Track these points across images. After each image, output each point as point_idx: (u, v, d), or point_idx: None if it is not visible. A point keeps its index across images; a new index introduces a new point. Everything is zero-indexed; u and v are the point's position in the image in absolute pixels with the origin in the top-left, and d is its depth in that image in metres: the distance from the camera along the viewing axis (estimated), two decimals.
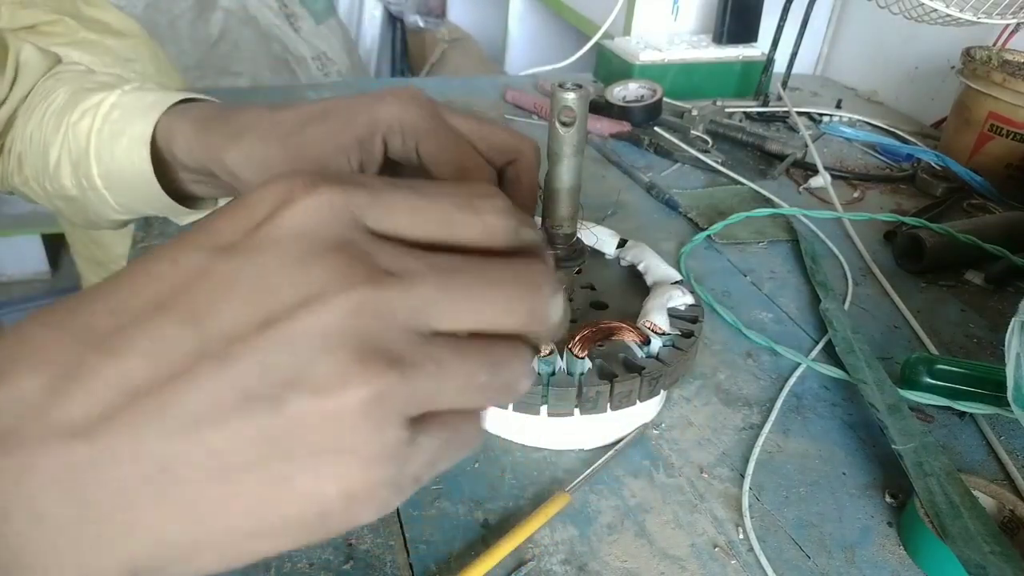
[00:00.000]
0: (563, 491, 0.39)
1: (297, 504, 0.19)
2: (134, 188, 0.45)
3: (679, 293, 0.46)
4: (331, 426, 0.18)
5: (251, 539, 0.19)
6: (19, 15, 0.98)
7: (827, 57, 1.21)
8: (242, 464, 0.18)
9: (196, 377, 0.18)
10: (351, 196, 0.20)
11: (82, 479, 0.17)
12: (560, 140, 0.35)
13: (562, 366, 0.40)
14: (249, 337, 0.18)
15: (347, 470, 0.19)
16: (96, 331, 0.18)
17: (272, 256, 0.19)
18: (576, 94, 0.34)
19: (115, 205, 0.47)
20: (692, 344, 0.43)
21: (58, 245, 1.86)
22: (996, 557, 0.35)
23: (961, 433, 0.47)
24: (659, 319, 0.43)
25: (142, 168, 0.43)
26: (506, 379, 0.21)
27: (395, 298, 0.19)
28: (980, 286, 0.64)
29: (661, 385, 0.41)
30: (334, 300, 0.18)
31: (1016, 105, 0.78)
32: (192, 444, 0.18)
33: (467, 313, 0.20)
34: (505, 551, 0.35)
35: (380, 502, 0.20)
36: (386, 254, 0.20)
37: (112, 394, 0.18)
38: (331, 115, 0.36)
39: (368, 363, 0.18)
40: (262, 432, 0.18)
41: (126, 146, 0.43)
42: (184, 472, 0.18)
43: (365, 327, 0.18)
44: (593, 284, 0.49)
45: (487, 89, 1.02)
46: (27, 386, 0.18)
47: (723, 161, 0.83)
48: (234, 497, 0.18)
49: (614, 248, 0.52)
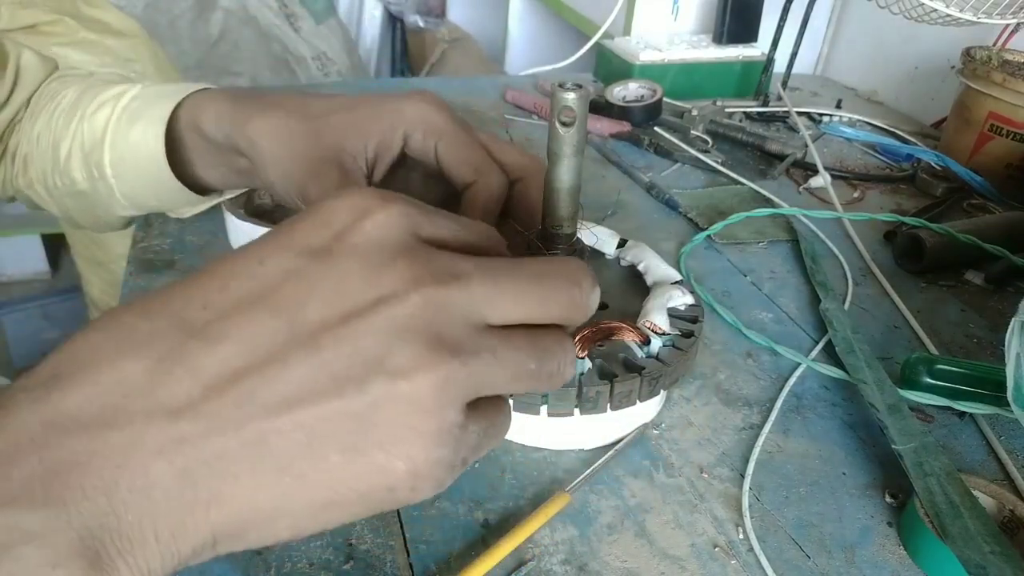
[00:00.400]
0: (563, 491, 0.39)
1: (370, 478, 0.21)
2: (142, 173, 0.45)
3: (679, 293, 0.46)
4: (404, 407, 0.21)
5: (325, 509, 0.21)
6: (19, 15, 0.98)
7: (827, 57, 1.21)
8: (327, 439, 0.20)
9: (289, 361, 0.20)
10: (412, 210, 0.23)
11: (184, 453, 0.20)
12: (560, 140, 0.35)
13: None
14: (336, 327, 0.21)
15: (413, 449, 0.21)
16: (192, 322, 0.21)
17: (355, 260, 0.22)
18: (576, 94, 0.34)
19: (120, 197, 0.48)
20: (692, 344, 0.43)
21: (58, 245, 1.86)
22: (996, 557, 0.35)
23: (961, 433, 0.47)
24: (659, 319, 0.43)
25: (154, 149, 0.44)
26: (552, 367, 0.24)
27: (455, 295, 0.22)
28: (980, 286, 0.64)
29: (661, 385, 0.41)
30: (407, 297, 0.21)
31: (1016, 105, 0.78)
32: (285, 420, 0.20)
33: (516, 306, 0.23)
34: (505, 551, 0.35)
35: (436, 480, 0.22)
36: (444, 258, 0.23)
37: (212, 377, 0.20)
38: (359, 106, 0.38)
39: (436, 351, 0.21)
40: (346, 411, 0.20)
41: (141, 128, 0.44)
42: (277, 446, 0.20)
43: (432, 320, 0.21)
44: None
45: (487, 89, 1.02)
46: (131, 369, 0.20)
47: (723, 161, 0.83)
48: (317, 470, 0.20)
49: (614, 248, 0.52)
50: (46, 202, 0.52)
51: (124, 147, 0.45)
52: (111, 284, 1.30)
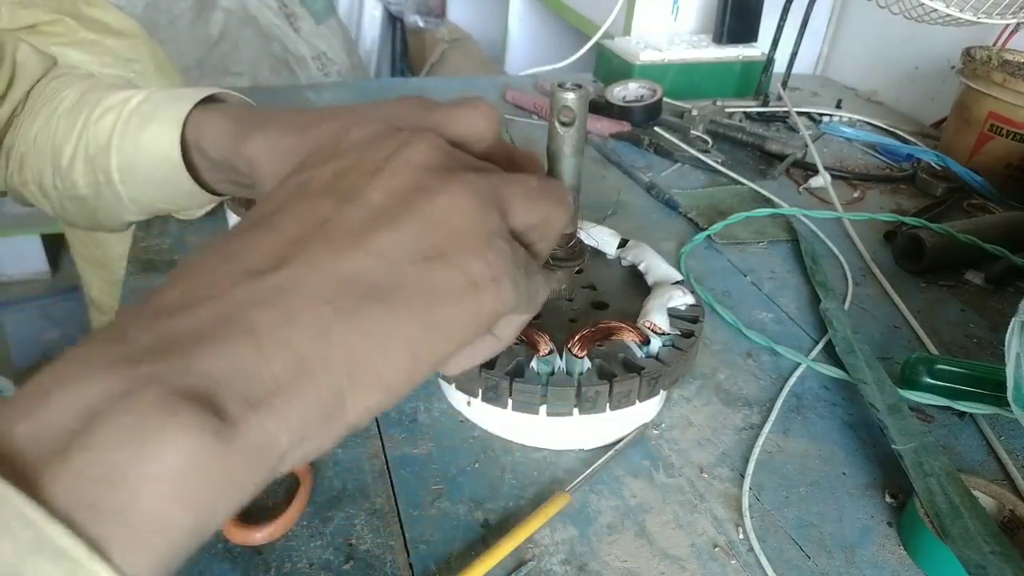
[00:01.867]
0: (563, 491, 0.39)
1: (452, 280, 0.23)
2: (154, 177, 0.45)
3: (679, 293, 0.46)
4: (451, 214, 0.24)
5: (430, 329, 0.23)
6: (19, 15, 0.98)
7: (827, 57, 1.21)
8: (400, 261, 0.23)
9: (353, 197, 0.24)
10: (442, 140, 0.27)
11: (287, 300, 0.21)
12: (560, 140, 0.35)
13: (561, 366, 0.40)
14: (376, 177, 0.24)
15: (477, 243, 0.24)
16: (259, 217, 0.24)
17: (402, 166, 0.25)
18: (576, 94, 0.34)
19: (128, 201, 0.47)
20: (692, 344, 0.43)
21: (58, 245, 1.86)
22: (996, 557, 0.35)
23: (961, 433, 0.47)
24: (659, 319, 0.43)
25: (169, 152, 0.44)
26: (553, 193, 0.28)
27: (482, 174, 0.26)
28: (980, 286, 0.64)
29: (660, 385, 0.41)
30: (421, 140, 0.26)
31: (1016, 105, 0.78)
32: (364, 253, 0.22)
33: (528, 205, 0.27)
34: (505, 551, 0.35)
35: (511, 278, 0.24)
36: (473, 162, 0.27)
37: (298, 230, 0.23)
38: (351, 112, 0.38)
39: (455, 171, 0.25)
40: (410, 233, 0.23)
41: (155, 131, 0.44)
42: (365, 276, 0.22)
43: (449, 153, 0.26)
44: (594, 284, 0.49)
45: (487, 89, 1.02)
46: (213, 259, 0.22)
47: (723, 161, 0.83)
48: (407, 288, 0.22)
49: (615, 248, 0.52)
50: (40, 201, 0.52)
51: (134, 152, 0.45)
52: (111, 284, 1.29)
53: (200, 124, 0.43)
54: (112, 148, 0.46)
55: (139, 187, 0.47)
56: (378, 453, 0.42)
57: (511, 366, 0.40)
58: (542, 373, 0.40)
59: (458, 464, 0.41)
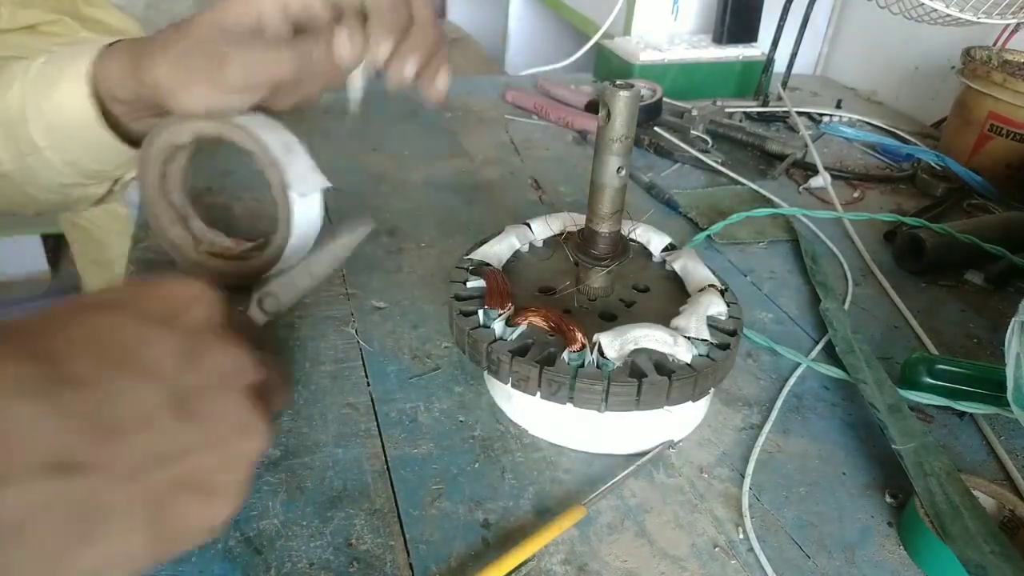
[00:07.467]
0: (579, 504, 0.38)
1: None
2: (75, 134, 0.45)
3: (718, 302, 0.45)
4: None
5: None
6: (19, 15, 0.98)
7: (827, 57, 1.21)
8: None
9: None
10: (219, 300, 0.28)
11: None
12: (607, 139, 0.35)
13: (592, 360, 0.40)
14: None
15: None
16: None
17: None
18: (628, 93, 0.34)
19: (62, 164, 0.47)
20: (728, 356, 0.42)
21: (58, 245, 1.86)
22: (996, 557, 0.35)
23: (961, 433, 0.47)
24: (698, 326, 0.42)
25: (83, 106, 0.43)
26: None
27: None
28: (980, 286, 0.64)
29: (691, 390, 0.40)
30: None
31: (1016, 105, 0.78)
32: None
33: None
34: (516, 562, 0.35)
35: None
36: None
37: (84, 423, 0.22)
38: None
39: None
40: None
41: (64, 89, 0.44)
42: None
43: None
44: (635, 284, 0.48)
45: (487, 89, 1.02)
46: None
47: (723, 161, 0.83)
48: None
49: (660, 250, 0.52)
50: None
51: (50, 112, 0.44)
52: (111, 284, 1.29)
53: (104, 69, 0.43)
54: (27, 115, 0.45)
55: (65, 146, 0.46)
56: (378, 453, 0.42)
57: (543, 355, 0.40)
58: (572, 365, 0.39)
59: (458, 464, 0.41)
